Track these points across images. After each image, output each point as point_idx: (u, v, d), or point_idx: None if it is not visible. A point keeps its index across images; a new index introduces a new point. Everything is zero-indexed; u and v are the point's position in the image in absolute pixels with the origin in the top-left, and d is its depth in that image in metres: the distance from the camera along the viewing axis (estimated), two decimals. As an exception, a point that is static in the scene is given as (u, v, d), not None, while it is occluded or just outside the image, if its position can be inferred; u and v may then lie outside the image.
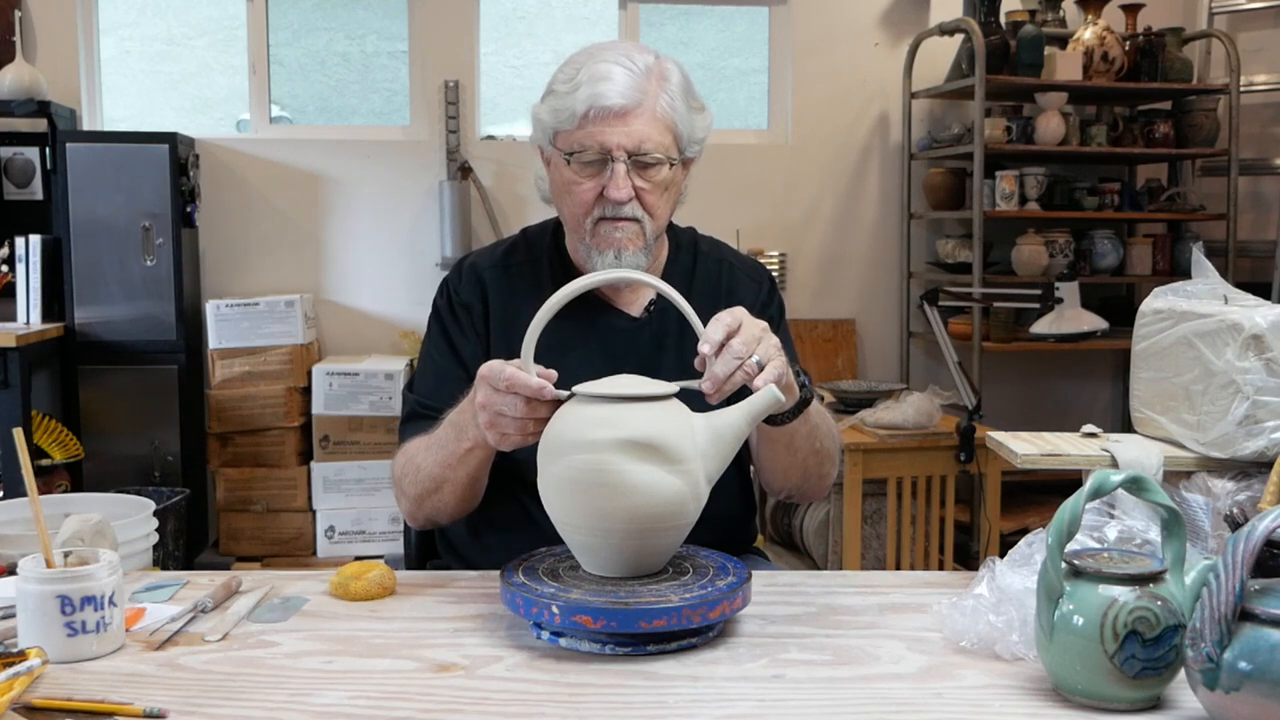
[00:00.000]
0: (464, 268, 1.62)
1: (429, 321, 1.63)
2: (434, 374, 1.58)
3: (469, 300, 1.58)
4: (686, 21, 4.90)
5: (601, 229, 1.50)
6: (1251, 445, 1.38)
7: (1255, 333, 1.39)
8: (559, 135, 1.49)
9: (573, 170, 1.48)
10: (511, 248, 1.64)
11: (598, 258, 1.51)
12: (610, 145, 1.45)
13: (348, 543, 4.00)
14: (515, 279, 1.60)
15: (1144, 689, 1.01)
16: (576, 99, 1.45)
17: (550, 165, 1.55)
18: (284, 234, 4.31)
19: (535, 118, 1.52)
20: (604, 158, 1.46)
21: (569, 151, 1.48)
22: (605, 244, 1.50)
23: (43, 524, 1.18)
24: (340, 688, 1.08)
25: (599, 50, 1.50)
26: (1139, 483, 1.03)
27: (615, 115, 1.45)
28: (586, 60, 1.48)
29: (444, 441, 1.42)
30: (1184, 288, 1.57)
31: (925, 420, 3.29)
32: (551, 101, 1.49)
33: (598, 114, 1.45)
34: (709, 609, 1.15)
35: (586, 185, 1.48)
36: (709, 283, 1.63)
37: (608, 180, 1.46)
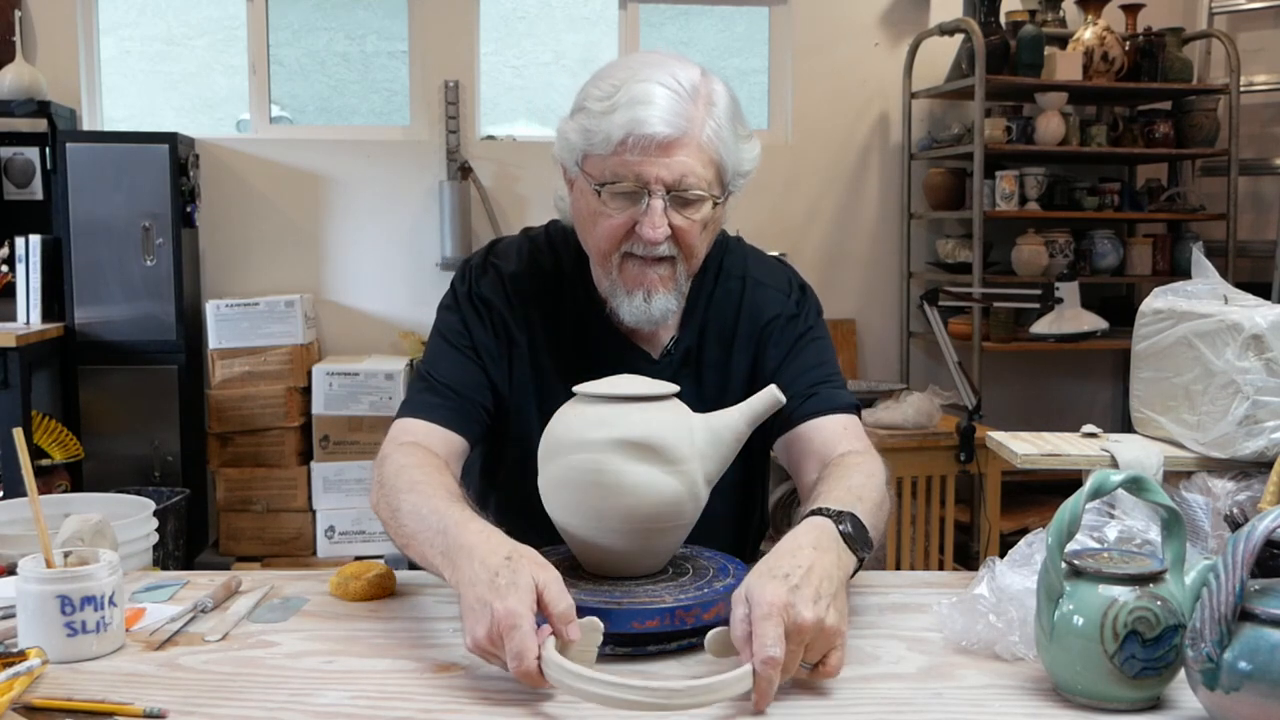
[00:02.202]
0: (488, 264, 1.50)
1: (444, 303, 1.51)
2: (448, 356, 1.46)
3: (490, 296, 1.47)
4: (686, 21, 4.90)
5: (630, 266, 1.37)
6: (1251, 445, 1.38)
7: (1255, 333, 1.39)
8: (589, 159, 1.34)
9: (602, 200, 1.33)
10: (535, 251, 1.51)
11: (624, 299, 1.38)
12: (648, 178, 1.30)
13: (348, 543, 4.00)
14: (537, 286, 1.49)
15: (1144, 689, 1.01)
16: (613, 122, 1.30)
17: (573, 187, 1.40)
18: (284, 234, 4.31)
19: (561, 134, 1.37)
20: (640, 190, 1.32)
21: (601, 180, 1.33)
22: (634, 284, 1.37)
23: (43, 524, 1.18)
24: (340, 688, 1.08)
25: (639, 65, 1.34)
26: (1139, 483, 1.03)
27: (657, 146, 1.29)
28: (626, 77, 1.32)
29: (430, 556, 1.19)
30: (1184, 288, 1.57)
31: (925, 420, 3.29)
32: (583, 120, 1.33)
33: (637, 142, 1.29)
34: (704, 610, 1.15)
35: (617, 219, 1.33)
36: (729, 304, 1.51)
37: (642, 215, 1.32)
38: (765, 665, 0.99)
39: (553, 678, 1.01)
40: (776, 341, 1.51)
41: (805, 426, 1.44)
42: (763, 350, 1.51)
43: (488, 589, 1.05)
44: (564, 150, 1.38)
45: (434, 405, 1.41)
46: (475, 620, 1.05)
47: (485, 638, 1.04)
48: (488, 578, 1.06)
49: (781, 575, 1.04)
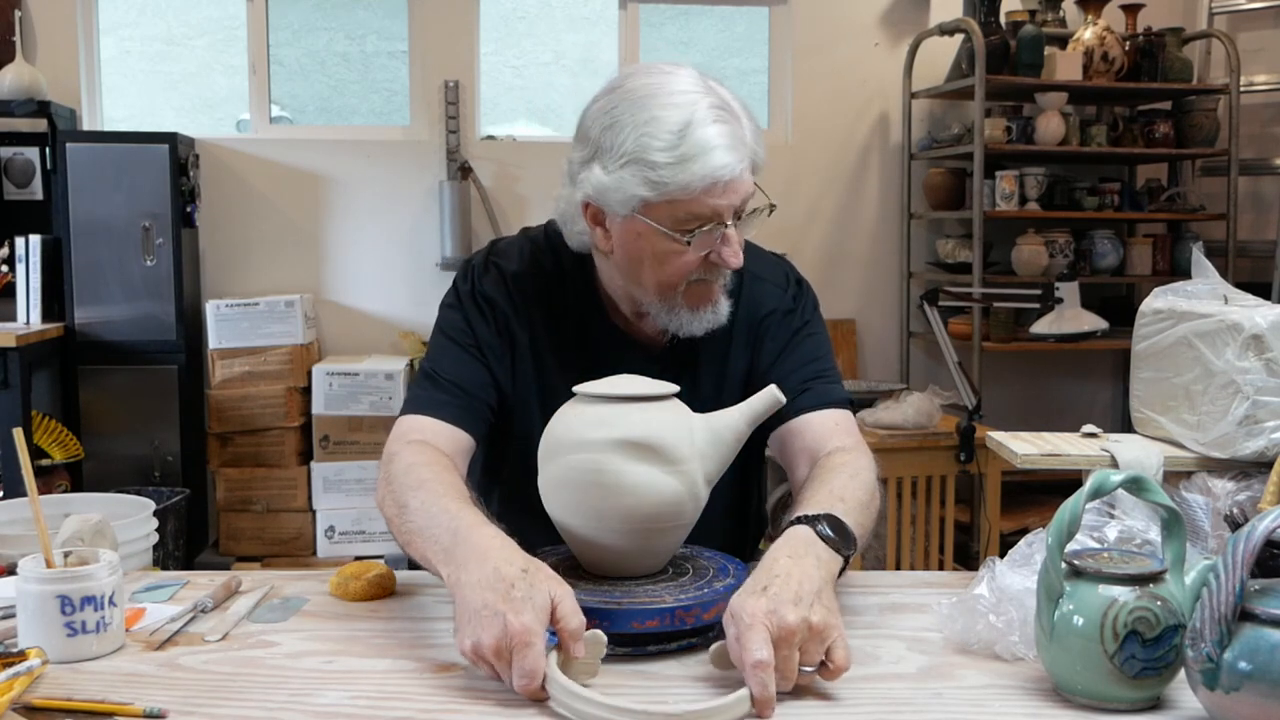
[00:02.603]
0: (490, 263, 1.52)
1: (447, 302, 1.52)
2: (452, 354, 1.47)
3: (492, 295, 1.49)
4: (686, 21, 4.90)
5: (696, 289, 1.39)
6: (1251, 445, 1.38)
7: (1255, 333, 1.39)
8: (654, 206, 1.33)
9: (679, 241, 1.34)
10: (536, 251, 1.53)
11: (688, 316, 1.40)
12: (723, 211, 1.33)
13: (348, 543, 4.00)
14: (538, 285, 1.51)
15: (1144, 689, 1.01)
16: (692, 173, 1.29)
17: (619, 229, 1.38)
18: (284, 234, 4.31)
19: (606, 186, 1.34)
20: (717, 224, 1.34)
21: (680, 225, 1.33)
22: (701, 301, 1.40)
23: (43, 524, 1.18)
24: (340, 688, 1.08)
25: (677, 95, 1.32)
26: (1139, 483, 1.03)
27: (726, 184, 1.32)
28: (679, 120, 1.30)
29: (430, 556, 1.19)
30: (1184, 288, 1.57)
31: (925, 420, 3.29)
32: (646, 172, 1.31)
33: (723, 189, 1.31)
34: (703, 610, 1.15)
35: (693, 256, 1.35)
36: (735, 329, 1.51)
37: (719, 245, 1.35)
38: (756, 669, 1.00)
39: (554, 695, 1.01)
40: (773, 336, 1.52)
41: (797, 421, 1.45)
42: (759, 345, 1.52)
43: (502, 599, 1.05)
44: (612, 198, 1.35)
45: (441, 402, 1.42)
46: (482, 628, 1.04)
47: (491, 648, 1.03)
48: (503, 588, 1.06)
49: (760, 589, 1.07)
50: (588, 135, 1.37)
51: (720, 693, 1.05)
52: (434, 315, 1.54)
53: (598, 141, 1.35)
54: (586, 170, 1.36)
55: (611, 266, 1.45)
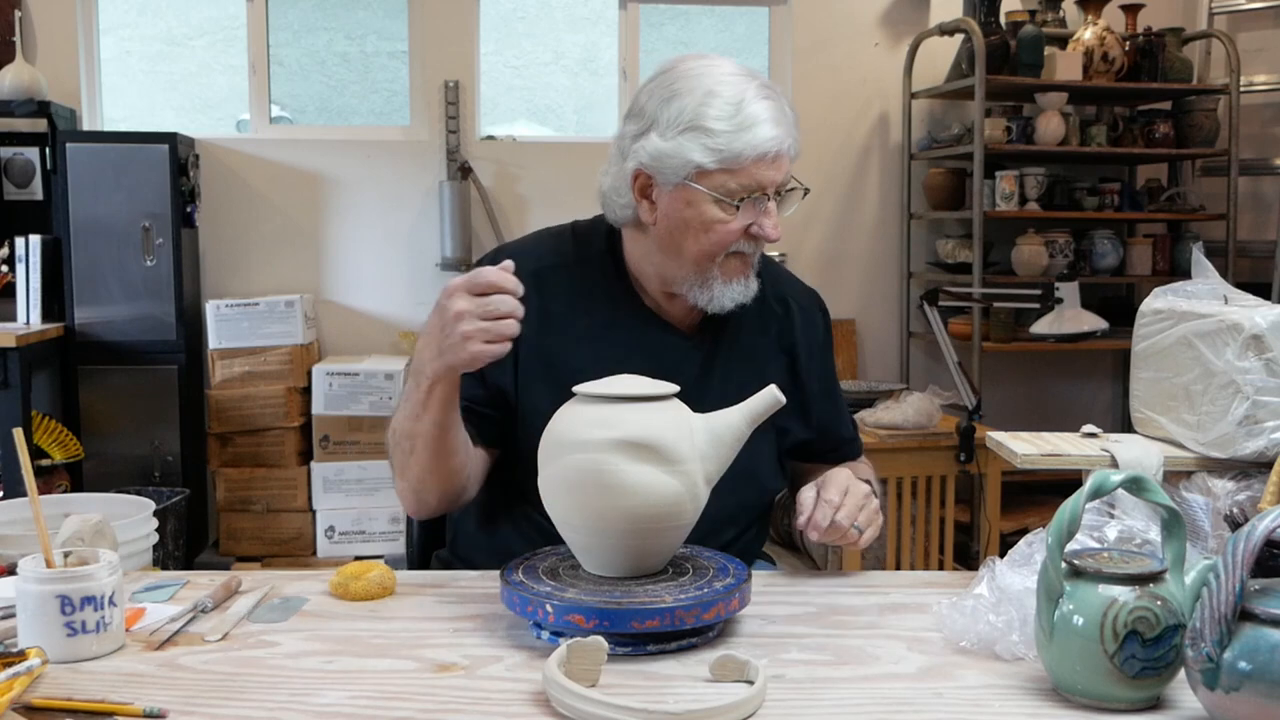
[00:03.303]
0: (501, 259, 1.51)
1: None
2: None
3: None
4: (686, 21, 4.90)
5: (732, 262, 1.48)
6: (1251, 445, 1.38)
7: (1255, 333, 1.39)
8: (706, 174, 1.42)
9: (727, 209, 1.43)
10: (558, 243, 1.59)
11: (723, 289, 1.48)
12: (769, 186, 1.44)
13: (348, 543, 4.00)
14: (562, 281, 1.54)
15: (1144, 689, 1.01)
16: (749, 142, 1.40)
17: (670, 198, 1.46)
18: (284, 234, 4.31)
19: (662, 152, 1.43)
20: (761, 196, 1.44)
21: (731, 193, 1.42)
22: (734, 273, 1.48)
23: (43, 524, 1.18)
24: (340, 688, 1.08)
25: (730, 76, 1.44)
26: (1139, 483, 1.03)
27: (774, 156, 1.43)
28: (734, 93, 1.42)
29: (407, 393, 1.37)
30: (1184, 288, 1.57)
31: (925, 420, 3.29)
32: (702, 140, 1.41)
33: (773, 158, 1.42)
34: (704, 610, 1.15)
35: (737, 225, 1.44)
36: (769, 314, 1.61)
37: (761, 218, 1.45)
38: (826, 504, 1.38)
39: (554, 695, 1.01)
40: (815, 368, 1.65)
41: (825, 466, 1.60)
42: (797, 361, 1.63)
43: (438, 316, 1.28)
44: (667, 164, 1.43)
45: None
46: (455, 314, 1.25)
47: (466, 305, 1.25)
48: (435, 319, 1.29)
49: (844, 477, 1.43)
50: (643, 110, 1.47)
51: (720, 693, 1.05)
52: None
53: (655, 113, 1.45)
54: (642, 141, 1.45)
55: (648, 242, 1.51)
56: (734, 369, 1.56)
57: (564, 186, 4.42)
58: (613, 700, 0.98)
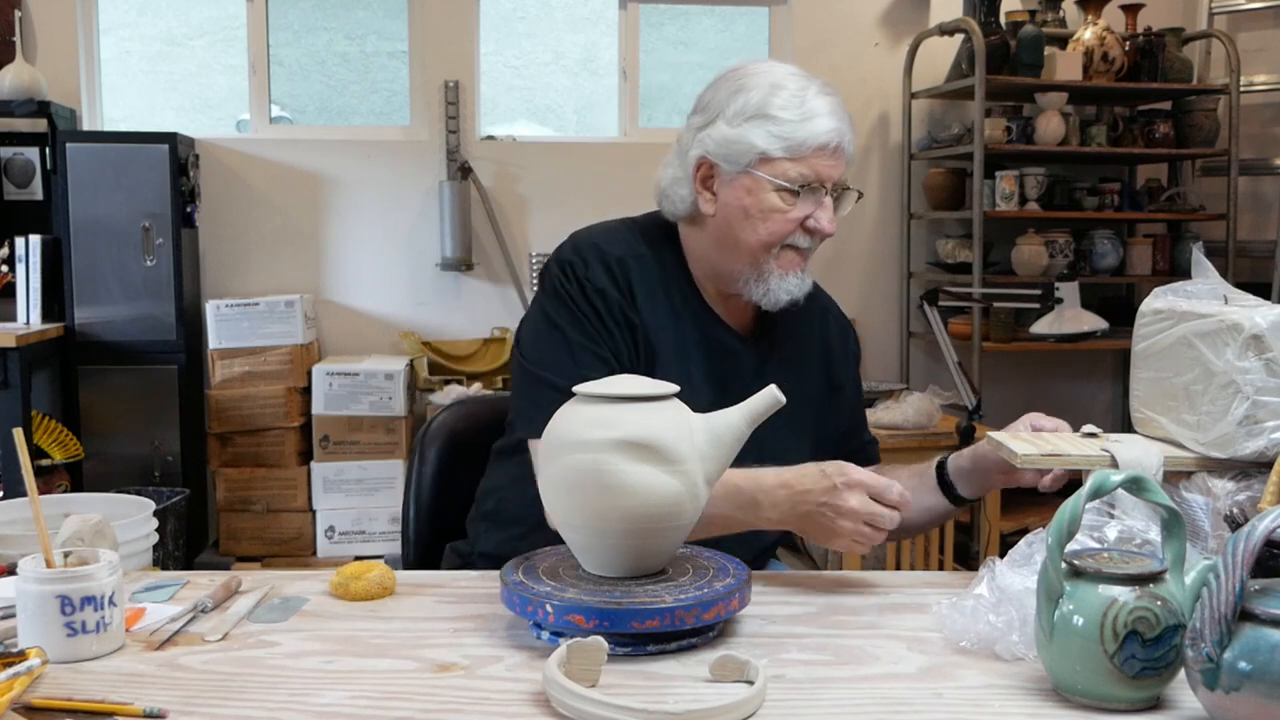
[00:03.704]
0: (585, 252, 1.54)
1: (549, 302, 1.52)
2: (578, 358, 1.48)
3: (603, 286, 1.51)
4: (686, 21, 4.90)
5: (787, 255, 1.52)
6: (1251, 445, 1.38)
7: (1255, 333, 1.39)
8: (770, 162, 1.48)
9: (786, 199, 1.48)
10: (630, 235, 1.59)
11: (779, 282, 1.52)
12: (827, 179, 1.49)
13: (348, 543, 4.00)
14: (643, 270, 1.55)
15: (1144, 689, 1.01)
16: (812, 130, 1.46)
17: (732, 188, 1.50)
18: (284, 234, 4.31)
19: (728, 139, 1.48)
20: (819, 188, 1.49)
21: (792, 181, 1.47)
22: (788, 267, 1.52)
23: (43, 524, 1.18)
24: (340, 688, 1.08)
25: (792, 73, 1.50)
26: (1139, 483, 1.03)
27: (835, 149, 1.49)
28: (798, 87, 1.48)
29: (739, 499, 1.40)
30: (1184, 288, 1.56)
31: (925, 420, 3.29)
32: (768, 127, 1.47)
33: (825, 148, 1.47)
34: (703, 610, 1.15)
35: (794, 214, 1.49)
36: (811, 320, 1.67)
37: (815, 210, 1.49)
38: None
39: (554, 695, 1.01)
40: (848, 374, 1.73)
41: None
42: (833, 371, 1.70)
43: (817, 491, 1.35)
44: (731, 151, 1.49)
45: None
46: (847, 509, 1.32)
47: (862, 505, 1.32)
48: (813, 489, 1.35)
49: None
50: (709, 104, 1.53)
51: (720, 692, 1.05)
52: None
53: (722, 105, 1.50)
54: (707, 130, 1.51)
55: (705, 237, 1.55)
56: (783, 373, 1.57)
57: (564, 186, 4.42)
58: (613, 700, 0.98)
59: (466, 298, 4.37)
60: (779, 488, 1.37)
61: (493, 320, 4.36)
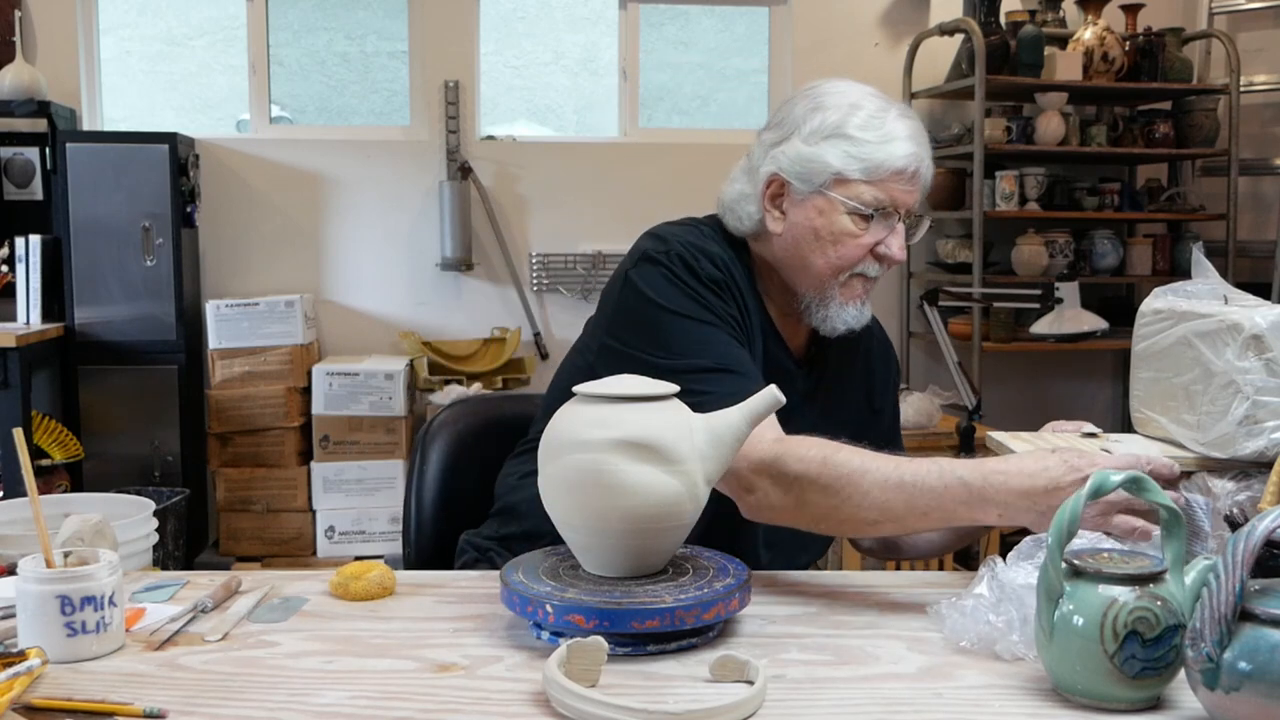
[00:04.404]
0: (687, 247, 1.47)
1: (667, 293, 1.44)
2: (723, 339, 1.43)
3: (715, 276, 1.47)
4: (686, 21, 4.90)
5: (855, 283, 1.49)
6: (1251, 445, 1.38)
7: (1255, 333, 1.39)
8: (845, 183, 1.44)
9: (854, 221, 1.45)
10: (713, 236, 1.54)
11: (839, 310, 1.49)
12: (902, 205, 1.46)
13: (348, 543, 4.00)
14: (733, 272, 1.50)
15: (1144, 689, 1.01)
16: (891, 153, 1.43)
17: (803, 208, 1.47)
18: (284, 234, 4.31)
19: (803, 156, 1.45)
20: (888, 213, 1.45)
21: (867, 205, 1.44)
22: (853, 296, 1.49)
23: (43, 524, 1.18)
24: (340, 688, 1.08)
25: (870, 94, 1.48)
26: (1139, 483, 1.03)
27: (912, 175, 1.45)
28: (876, 108, 1.46)
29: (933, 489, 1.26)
30: (1184, 288, 1.56)
31: (925, 420, 3.29)
32: (845, 147, 1.44)
33: (903, 173, 1.44)
34: (704, 610, 1.15)
35: (866, 240, 1.46)
36: (858, 344, 1.63)
37: (886, 236, 1.46)
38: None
39: (554, 695, 1.01)
40: (889, 398, 1.71)
41: None
42: (873, 394, 1.68)
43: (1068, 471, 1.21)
44: (805, 170, 1.45)
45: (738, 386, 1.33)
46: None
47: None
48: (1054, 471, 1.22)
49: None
50: (784, 121, 1.49)
51: (720, 692, 1.05)
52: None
53: (799, 121, 1.47)
54: (781, 147, 1.48)
55: (772, 253, 1.52)
56: (830, 397, 1.57)
57: (564, 186, 4.42)
58: (613, 700, 0.98)
59: (466, 298, 4.37)
60: (1014, 487, 1.23)
61: (493, 320, 4.36)
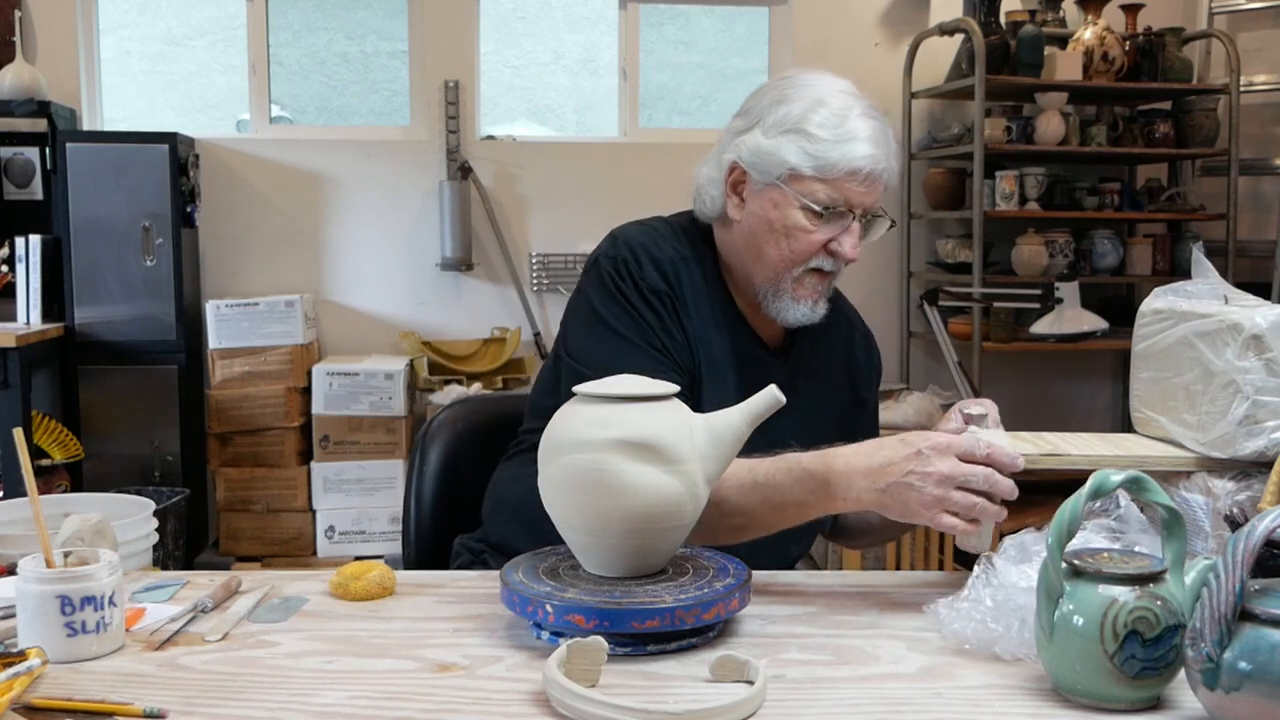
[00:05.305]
0: (635, 251, 1.50)
1: (600, 302, 1.48)
2: (635, 361, 1.43)
3: (657, 286, 1.48)
4: (686, 21, 4.90)
5: (809, 279, 1.49)
6: (1251, 445, 1.38)
7: (1255, 333, 1.39)
8: (801, 179, 1.44)
9: (812, 219, 1.45)
10: (672, 235, 1.55)
11: (791, 304, 1.49)
12: (857, 205, 1.46)
13: (348, 543, 4.00)
14: (689, 273, 1.52)
15: (1144, 689, 1.01)
16: (845, 153, 1.43)
17: (756, 198, 1.48)
18: (284, 234, 4.31)
19: (762, 149, 1.46)
20: (847, 212, 1.46)
21: (820, 203, 1.44)
22: (807, 294, 1.49)
23: (43, 524, 1.18)
24: (340, 688, 1.08)
25: (838, 91, 1.46)
26: (1139, 483, 1.03)
27: (867, 176, 1.45)
28: (841, 106, 1.44)
29: (780, 481, 1.31)
30: (1184, 288, 1.56)
31: (925, 420, 3.28)
32: (801, 143, 1.43)
33: (866, 175, 1.44)
34: (703, 610, 1.15)
35: (819, 237, 1.46)
36: (839, 333, 1.65)
37: (839, 234, 1.46)
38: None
39: (554, 695, 1.01)
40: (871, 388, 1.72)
41: None
42: (857, 385, 1.69)
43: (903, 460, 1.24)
44: (763, 161, 1.46)
45: None
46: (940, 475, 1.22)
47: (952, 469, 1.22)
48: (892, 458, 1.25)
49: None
50: (751, 110, 1.50)
51: (720, 692, 1.05)
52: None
53: (763, 112, 1.48)
54: (744, 136, 1.48)
55: (733, 240, 1.53)
56: (812, 386, 1.57)
57: (564, 186, 4.42)
58: (613, 700, 0.98)
59: (466, 298, 4.37)
60: (855, 468, 1.27)
61: (493, 320, 4.36)
